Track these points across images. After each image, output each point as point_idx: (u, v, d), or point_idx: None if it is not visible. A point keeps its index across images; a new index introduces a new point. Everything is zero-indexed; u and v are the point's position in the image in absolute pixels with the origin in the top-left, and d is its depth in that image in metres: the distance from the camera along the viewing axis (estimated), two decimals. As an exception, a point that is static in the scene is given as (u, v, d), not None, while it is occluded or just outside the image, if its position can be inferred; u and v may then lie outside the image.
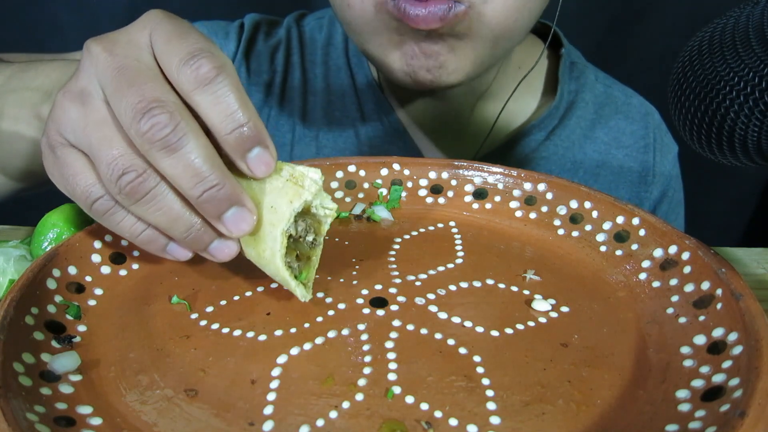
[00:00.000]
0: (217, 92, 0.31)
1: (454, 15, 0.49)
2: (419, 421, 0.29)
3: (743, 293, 0.32)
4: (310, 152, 0.69)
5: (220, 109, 0.32)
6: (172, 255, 0.37)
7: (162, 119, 0.30)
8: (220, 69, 0.31)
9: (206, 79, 0.31)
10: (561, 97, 0.69)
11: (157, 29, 0.33)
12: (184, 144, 0.31)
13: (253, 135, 0.32)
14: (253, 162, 0.33)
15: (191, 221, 0.34)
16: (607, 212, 0.44)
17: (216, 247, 0.35)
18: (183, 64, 0.31)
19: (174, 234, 0.34)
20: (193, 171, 0.31)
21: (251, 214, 0.34)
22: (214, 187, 0.32)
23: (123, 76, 0.32)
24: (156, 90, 0.31)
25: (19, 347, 0.31)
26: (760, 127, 0.34)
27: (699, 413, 0.28)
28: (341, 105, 0.69)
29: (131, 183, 0.32)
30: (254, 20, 0.71)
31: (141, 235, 0.35)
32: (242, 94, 0.32)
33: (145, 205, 0.33)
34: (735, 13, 0.36)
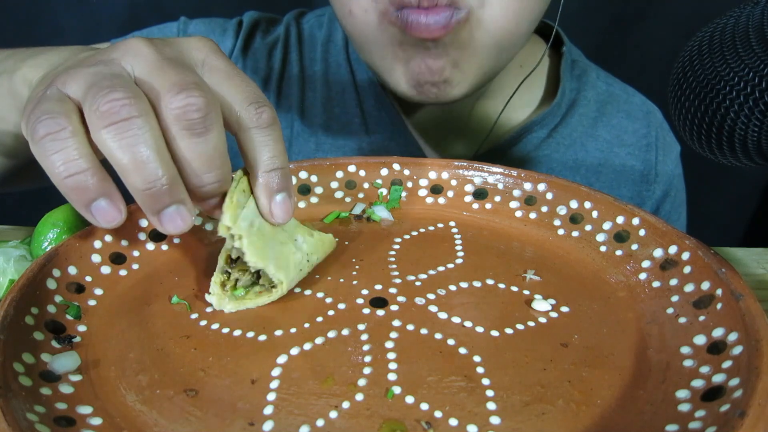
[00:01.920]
0: (271, 135, 0.35)
1: (456, 22, 0.49)
2: (419, 421, 0.29)
3: (743, 293, 0.32)
4: (309, 148, 0.69)
5: (270, 150, 0.35)
6: (94, 213, 0.32)
7: (199, 101, 0.31)
8: (275, 119, 0.35)
9: (266, 123, 0.35)
10: (562, 94, 0.69)
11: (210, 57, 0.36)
12: (209, 132, 0.32)
13: (286, 181, 0.36)
14: (278, 206, 0.36)
15: (161, 172, 0.31)
16: (607, 212, 0.43)
17: (171, 212, 0.33)
18: (248, 105, 0.34)
19: (133, 179, 0.31)
20: (210, 159, 0.33)
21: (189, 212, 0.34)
22: (219, 181, 0.34)
23: (171, 62, 0.33)
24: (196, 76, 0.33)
25: (19, 347, 0.31)
26: (760, 127, 0.34)
27: (699, 413, 0.28)
28: (341, 101, 0.69)
29: (115, 101, 0.30)
30: (253, 18, 0.71)
31: (75, 175, 0.31)
32: (283, 143, 0.36)
33: (120, 130, 0.30)
34: (735, 13, 0.36)
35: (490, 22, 0.51)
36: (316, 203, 0.49)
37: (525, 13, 0.52)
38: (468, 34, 0.51)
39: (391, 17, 0.50)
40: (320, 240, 0.40)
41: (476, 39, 0.51)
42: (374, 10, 0.51)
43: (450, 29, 0.50)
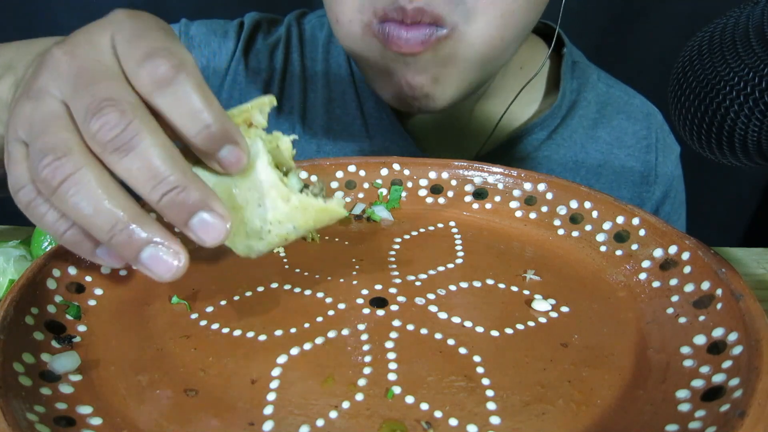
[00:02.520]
0: (177, 93, 0.29)
1: (436, 39, 0.50)
2: (419, 421, 0.29)
3: (743, 293, 0.32)
4: (310, 150, 0.69)
5: (183, 110, 0.30)
6: (102, 261, 0.33)
7: (112, 118, 0.28)
8: (179, 68, 0.29)
9: (164, 79, 0.29)
10: (563, 96, 0.69)
11: (119, 29, 0.32)
12: (138, 143, 0.29)
13: (221, 134, 0.30)
14: (225, 161, 0.31)
15: (114, 217, 0.29)
16: (607, 212, 0.43)
17: (150, 257, 0.30)
18: (139, 66, 0.30)
19: (96, 233, 0.30)
20: (150, 173, 0.29)
21: (222, 221, 0.30)
22: (174, 189, 0.29)
23: (81, 77, 0.30)
24: (110, 89, 0.29)
25: (19, 347, 0.31)
26: (760, 127, 0.34)
27: (699, 413, 0.28)
28: (342, 103, 0.69)
29: (48, 167, 0.29)
30: (254, 19, 0.71)
31: (66, 234, 0.32)
32: (205, 92, 0.30)
33: (63, 195, 0.29)
34: (735, 13, 0.36)
35: (474, 37, 0.51)
36: (316, 203, 0.49)
37: (510, 27, 0.52)
38: (450, 50, 0.51)
39: (373, 29, 0.51)
40: (302, 208, 0.33)
41: (459, 54, 0.52)
42: (359, 21, 0.52)
43: (429, 45, 0.50)
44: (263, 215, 0.33)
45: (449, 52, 0.51)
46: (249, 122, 0.33)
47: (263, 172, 0.32)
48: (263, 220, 0.33)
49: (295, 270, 0.41)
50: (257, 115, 0.33)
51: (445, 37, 0.50)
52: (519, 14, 0.51)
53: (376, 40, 0.52)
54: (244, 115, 0.33)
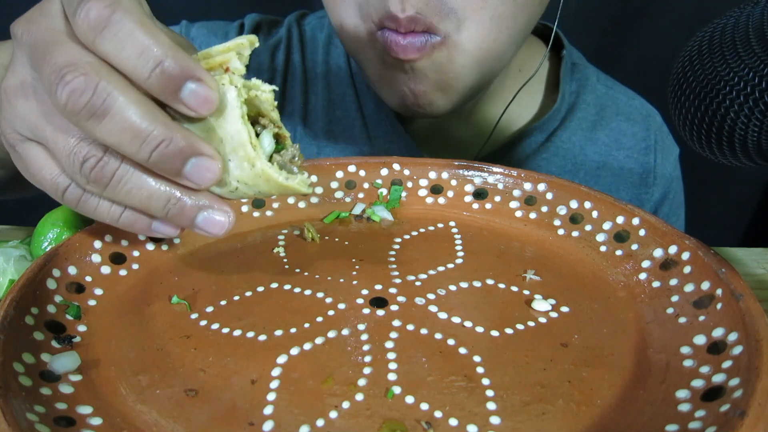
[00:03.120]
0: (117, 34, 0.27)
1: (431, 46, 0.50)
2: (419, 421, 0.29)
3: (743, 293, 0.32)
4: (311, 152, 0.69)
5: (128, 51, 0.27)
6: (159, 233, 0.34)
7: (77, 83, 0.27)
8: (112, 7, 0.27)
9: (100, 22, 0.27)
10: (562, 98, 0.69)
11: None
12: (112, 104, 0.28)
13: (178, 70, 0.28)
14: (189, 101, 0.29)
15: (167, 195, 0.31)
16: (607, 212, 0.43)
17: (204, 220, 0.32)
18: (73, 16, 0.28)
19: (153, 212, 0.32)
20: (132, 132, 0.28)
21: (214, 161, 0.30)
22: (161, 144, 0.29)
23: (38, 49, 0.29)
24: (66, 54, 0.28)
25: (19, 347, 0.31)
26: (760, 127, 0.34)
27: (699, 413, 0.28)
28: (342, 105, 0.69)
29: (94, 169, 0.30)
30: (255, 20, 0.71)
31: (121, 218, 0.33)
32: (150, 27, 0.28)
33: (115, 188, 0.30)
34: (735, 13, 0.36)
35: (467, 43, 0.51)
36: (316, 203, 0.49)
37: (503, 31, 0.52)
38: (446, 57, 0.52)
39: (377, 36, 0.52)
40: (265, 177, 0.31)
41: (456, 61, 0.52)
42: (363, 27, 0.52)
43: (425, 52, 0.51)
44: (231, 171, 0.31)
45: (445, 59, 0.52)
46: (225, 67, 0.30)
47: (233, 126, 0.30)
48: (231, 176, 0.32)
49: (295, 270, 0.41)
50: (234, 59, 0.30)
51: (439, 44, 0.51)
52: (510, 17, 0.51)
53: (378, 45, 0.52)
54: (219, 57, 0.30)
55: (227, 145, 0.31)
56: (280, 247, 0.44)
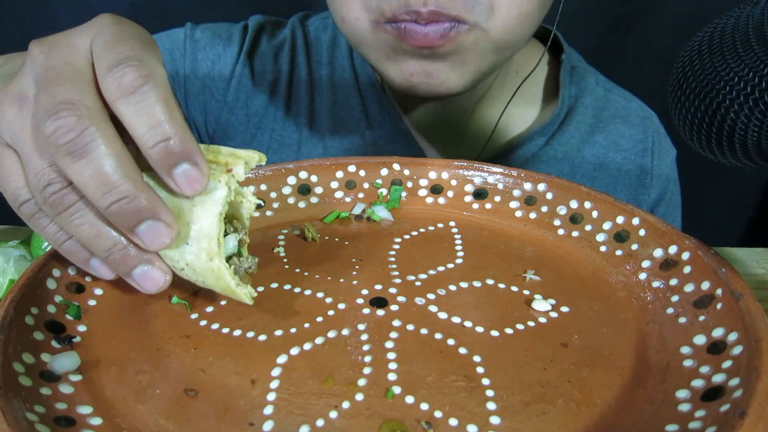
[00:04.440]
0: (140, 102, 0.30)
1: (455, 33, 0.49)
2: (419, 421, 0.29)
3: (743, 293, 0.32)
4: (317, 152, 0.69)
5: (143, 120, 0.30)
6: (94, 271, 0.35)
7: (67, 122, 0.29)
8: (146, 78, 0.30)
9: (130, 88, 0.29)
10: (562, 104, 0.69)
11: (99, 34, 0.32)
12: (92, 150, 0.29)
13: (180, 150, 0.30)
14: (179, 179, 0.31)
15: (112, 240, 0.32)
16: (607, 212, 0.43)
17: (140, 274, 0.33)
18: (108, 72, 0.30)
19: (94, 251, 0.33)
20: (100, 180, 0.29)
21: (169, 229, 0.31)
22: (123, 198, 0.30)
23: (47, 77, 0.30)
24: (71, 92, 0.29)
25: (19, 347, 0.31)
26: (760, 127, 0.34)
27: (699, 413, 0.28)
28: (346, 106, 0.69)
29: (54, 195, 0.31)
30: (258, 21, 0.72)
31: (63, 244, 0.34)
32: (171, 106, 0.30)
33: (68, 218, 0.32)
34: (735, 13, 0.36)
35: (494, 31, 0.51)
36: (316, 203, 0.49)
37: (528, 20, 0.52)
38: (471, 42, 0.51)
39: (384, 27, 0.51)
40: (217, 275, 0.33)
41: (479, 44, 0.52)
42: (366, 19, 0.52)
43: (449, 40, 0.50)
44: (184, 252, 0.33)
45: (469, 45, 0.51)
46: (229, 168, 0.33)
47: (208, 219, 0.32)
48: (182, 256, 0.33)
49: (295, 270, 0.41)
50: (239, 166, 0.33)
51: (467, 30, 0.50)
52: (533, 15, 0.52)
53: (387, 35, 0.51)
54: (228, 158, 0.33)
55: (193, 230, 0.32)
56: (280, 247, 0.44)
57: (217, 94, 0.69)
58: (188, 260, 0.33)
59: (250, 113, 0.69)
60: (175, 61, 0.68)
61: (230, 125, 0.69)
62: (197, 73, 0.68)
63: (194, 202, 0.32)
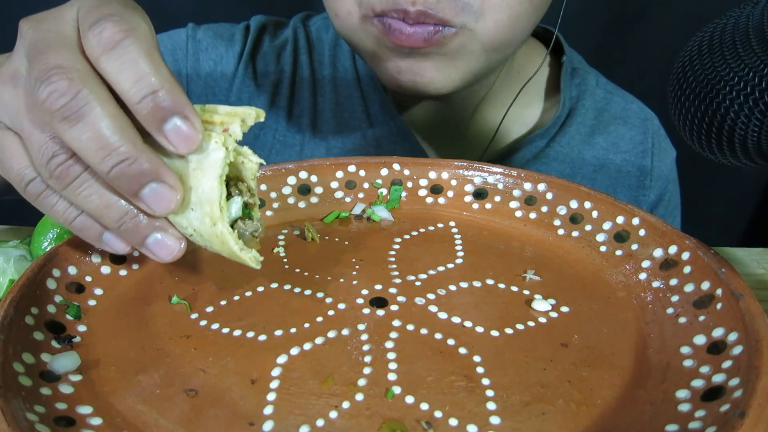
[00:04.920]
0: (123, 56, 0.28)
1: (441, 37, 0.49)
2: (419, 421, 0.29)
3: (743, 293, 0.32)
4: (319, 153, 0.69)
5: (127, 75, 0.28)
6: (108, 246, 0.34)
7: (60, 86, 0.28)
8: (127, 32, 0.28)
9: (110, 42, 0.28)
10: (563, 105, 0.69)
11: (84, 2, 0.31)
12: (87, 113, 0.28)
13: (168, 103, 0.29)
14: (171, 135, 0.29)
15: (122, 209, 0.32)
16: (607, 212, 0.43)
17: (154, 242, 0.33)
18: (88, 30, 0.29)
19: (106, 223, 0.32)
20: (99, 143, 0.28)
21: (173, 191, 0.30)
22: (124, 161, 0.29)
23: (37, 47, 0.30)
24: (60, 56, 0.29)
25: (19, 347, 0.31)
26: (760, 127, 0.34)
27: (699, 413, 0.28)
28: (349, 106, 0.69)
29: (60, 167, 0.30)
30: (260, 22, 0.72)
31: (75, 221, 0.33)
32: (155, 59, 0.29)
33: (75, 189, 0.31)
34: (735, 13, 0.36)
35: (483, 34, 0.51)
36: (316, 203, 0.49)
37: (520, 22, 0.52)
38: (457, 45, 0.51)
39: (373, 21, 0.51)
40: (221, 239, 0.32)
41: (467, 46, 0.52)
42: (357, 13, 0.52)
43: (432, 43, 0.50)
44: (190, 218, 0.32)
45: (456, 47, 0.51)
46: (225, 127, 0.31)
47: (208, 183, 0.31)
48: (189, 222, 0.32)
49: (295, 270, 0.41)
50: (235, 124, 0.31)
51: (452, 36, 0.50)
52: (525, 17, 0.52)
53: (374, 29, 0.52)
54: (223, 117, 0.31)
55: (194, 195, 0.32)
56: (280, 247, 0.44)
57: (220, 95, 0.69)
58: (195, 226, 0.32)
59: None
60: (178, 62, 0.68)
61: None
62: (199, 74, 0.68)
63: (193, 165, 0.31)
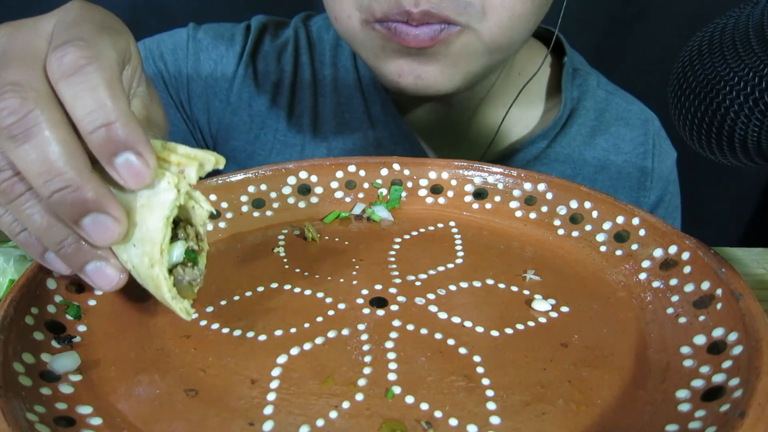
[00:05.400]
0: (81, 84, 0.28)
1: (446, 35, 0.50)
2: (419, 421, 0.29)
3: (743, 293, 0.32)
4: (320, 153, 0.69)
5: (84, 102, 0.28)
6: (50, 265, 0.33)
7: (11, 104, 0.27)
8: (89, 59, 0.28)
9: (72, 68, 0.28)
10: (564, 106, 0.69)
11: (63, 17, 0.31)
12: (35, 134, 0.27)
13: (122, 137, 0.28)
14: (121, 169, 0.29)
15: (65, 233, 0.31)
16: (607, 212, 0.43)
17: (94, 269, 0.32)
18: (52, 52, 0.28)
19: (47, 244, 0.32)
20: (42, 167, 0.28)
21: (116, 223, 0.30)
22: (66, 188, 0.28)
23: (4, 56, 0.29)
24: (19, 73, 0.28)
25: (19, 347, 0.31)
26: (760, 127, 0.34)
27: (699, 413, 0.28)
28: (349, 107, 0.69)
29: (4, 182, 0.30)
30: (261, 22, 0.72)
31: (19, 235, 0.33)
32: (115, 90, 0.28)
33: (19, 207, 0.30)
34: (735, 13, 0.36)
35: (486, 34, 0.51)
36: (316, 203, 0.49)
37: (520, 30, 0.52)
38: (461, 44, 0.51)
39: (374, 25, 0.51)
40: (155, 283, 0.31)
41: (470, 46, 0.52)
42: (357, 18, 0.52)
43: (438, 41, 0.50)
44: (131, 254, 0.31)
45: (460, 46, 0.51)
46: (182, 168, 0.30)
47: (154, 223, 0.30)
48: (129, 257, 0.31)
49: (295, 270, 0.41)
50: (191, 168, 0.30)
51: (457, 33, 0.50)
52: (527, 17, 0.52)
53: (376, 33, 0.52)
54: (181, 158, 0.30)
55: (138, 232, 0.31)
56: (280, 247, 0.44)
57: (220, 95, 0.69)
58: (134, 263, 0.31)
59: (253, 113, 0.69)
60: (178, 61, 0.68)
61: (233, 126, 0.69)
62: (200, 74, 0.68)
63: (142, 201, 0.30)
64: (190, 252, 0.33)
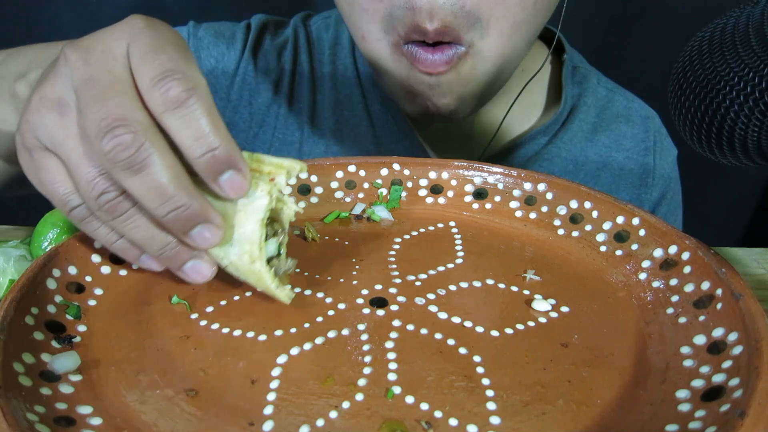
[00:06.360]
0: (187, 116, 0.31)
1: (457, 58, 0.51)
2: (419, 421, 0.29)
3: (743, 293, 0.32)
4: (319, 150, 0.69)
5: (190, 132, 0.31)
6: (145, 266, 0.37)
7: (125, 139, 0.30)
8: (190, 92, 0.31)
9: (176, 102, 0.31)
10: (565, 103, 0.69)
11: (135, 40, 0.32)
12: (149, 165, 0.31)
13: (225, 159, 0.32)
14: (224, 185, 0.33)
15: (165, 240, 0.34)
16: (607, 212, 0.44)
17: (190, 267, 0.36)
18: (153, 85, 0.31)
19: (148, 251, 0.35)
20: (157, 192, 0.31)
21: (218, 230, 0.34)
22: (179, 208, 0.32)
23: (92, 88, 0.31)
24: (122, 107, 0.31)
25: (19, 347, 0.31)
26: (760, 127, 0.34)
27: (699, 413, 0.28)
28: (349, 104, 0.69)
29: (110, 203, 0.33)
30: (261, 20, 0.72)
31: (116, 243, 0.36)
32: (214, 117, 0.32)
33: (123, 222, 0.33)
34: (735, 13, 0.36)
35: (489, 51, 0.52)
36: (316, 203, 0.49)
37: (522, 36, 0.53)
38: (470, 67, 0.53)
39: (402, 49, 0.52)
40: (257, 276, 0.35)
41: (478, 69, 0.53)
42: (386, 41, 0.53)
43: (452, 64, 0.51)
44: (228, 252, 0.35)
45: (469, 70, 0.53)
46: (272, 177, 0.34)
47: (250, 225, 0.34)
48: (227, 255, 0.35)
49: (295, 270, 0.41)
50: (281, 176, 0.34)
51: (464, 54, 0.51)
52: (528, 22, 0.52)
53: (404, 58, 0.53)
54: (271, 168, 0.34)
55: (236, 233, 0.35)
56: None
57: (221, 93, 0.69)
58: (232, 259, 0.35)
59: (253, 111, 0.69)
60: None
61: (233, 123, 0.70)
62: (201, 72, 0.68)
63: (238, 208, 0.34)
64: (279, 245, 0.37)
